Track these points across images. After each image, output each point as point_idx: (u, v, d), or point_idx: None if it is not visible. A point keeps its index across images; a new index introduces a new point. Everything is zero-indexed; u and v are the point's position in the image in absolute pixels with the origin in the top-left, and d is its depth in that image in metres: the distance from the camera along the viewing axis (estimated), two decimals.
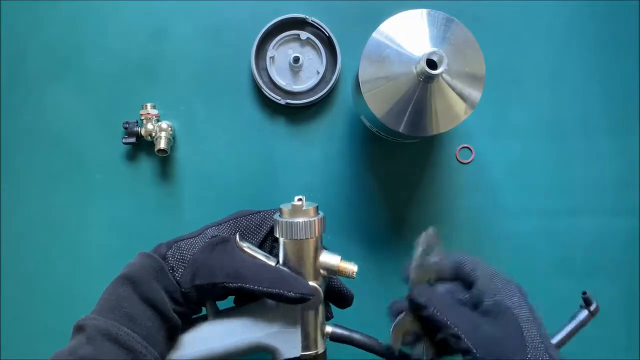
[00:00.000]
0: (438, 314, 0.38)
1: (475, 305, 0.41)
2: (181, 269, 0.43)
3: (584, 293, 0.52)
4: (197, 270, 0.42)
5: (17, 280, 0.59)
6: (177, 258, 0.43)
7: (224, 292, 0.43)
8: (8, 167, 0.59)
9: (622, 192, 0.59)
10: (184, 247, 0.44)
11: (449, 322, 0.38)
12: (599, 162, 0.59)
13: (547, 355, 0.36)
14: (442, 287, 0.43)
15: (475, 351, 0.36)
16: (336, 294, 0.47)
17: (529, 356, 0.36)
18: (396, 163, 0.59)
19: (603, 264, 0.59)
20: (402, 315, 0.42)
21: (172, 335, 0.43)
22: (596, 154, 0.59)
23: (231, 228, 0.46)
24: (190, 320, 0.45)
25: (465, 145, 0.59)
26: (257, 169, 0.59)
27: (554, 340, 0.51)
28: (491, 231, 0.59)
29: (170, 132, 0.57)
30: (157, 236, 0.47)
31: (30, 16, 0.59)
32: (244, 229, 0.46)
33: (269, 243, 0.48)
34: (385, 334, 0.43)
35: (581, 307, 0.53)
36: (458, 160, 0.59)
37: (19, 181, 0.59)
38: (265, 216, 0.47)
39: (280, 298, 0.41)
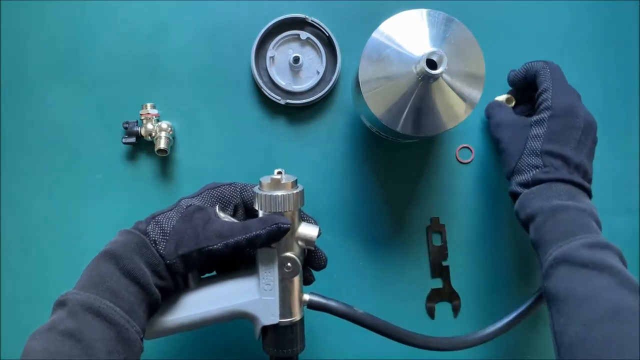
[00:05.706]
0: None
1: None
2: (163, 242, 0.43)
3: None
4: (179, 239, 0.43)
5: (17, 280, 0.59)
6: (158, 232, 0.44)
7: (208, 258, 0.43)
8: (8, 166, 0.59)
9: (622, 192, 0.59)
10: (163, 221, 0.44)
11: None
12: (599, 162, 0.59)
13: (538, 160, 0.48)
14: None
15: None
16: (310, 256, 0.48)
17: (519, 160, 0.50)
18: (396, 163, 0.59)
19: None
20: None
21: (151, 311, 0.43)
22: (596, 154, 0.59)
23: (204, 199, 0.47)
24: (170, 296, 0.45)
25: (465, 145, 0.59)
26: (257, 169, 0.59)
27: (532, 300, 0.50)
28: (491, 231, 0.59)
29: (170, 132, 0.57)
30: None
31: (30, 16, 0.59)
32: (217, 200, 0.47)
33: (240, 213, 0.49)
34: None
35: None
36: (458, 160, 0.59)
37: (18, 181, 0.59)
38: (236, 188, 0.48)
39: (259, 238, 0.42)
